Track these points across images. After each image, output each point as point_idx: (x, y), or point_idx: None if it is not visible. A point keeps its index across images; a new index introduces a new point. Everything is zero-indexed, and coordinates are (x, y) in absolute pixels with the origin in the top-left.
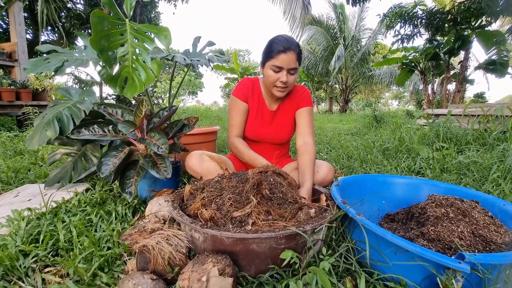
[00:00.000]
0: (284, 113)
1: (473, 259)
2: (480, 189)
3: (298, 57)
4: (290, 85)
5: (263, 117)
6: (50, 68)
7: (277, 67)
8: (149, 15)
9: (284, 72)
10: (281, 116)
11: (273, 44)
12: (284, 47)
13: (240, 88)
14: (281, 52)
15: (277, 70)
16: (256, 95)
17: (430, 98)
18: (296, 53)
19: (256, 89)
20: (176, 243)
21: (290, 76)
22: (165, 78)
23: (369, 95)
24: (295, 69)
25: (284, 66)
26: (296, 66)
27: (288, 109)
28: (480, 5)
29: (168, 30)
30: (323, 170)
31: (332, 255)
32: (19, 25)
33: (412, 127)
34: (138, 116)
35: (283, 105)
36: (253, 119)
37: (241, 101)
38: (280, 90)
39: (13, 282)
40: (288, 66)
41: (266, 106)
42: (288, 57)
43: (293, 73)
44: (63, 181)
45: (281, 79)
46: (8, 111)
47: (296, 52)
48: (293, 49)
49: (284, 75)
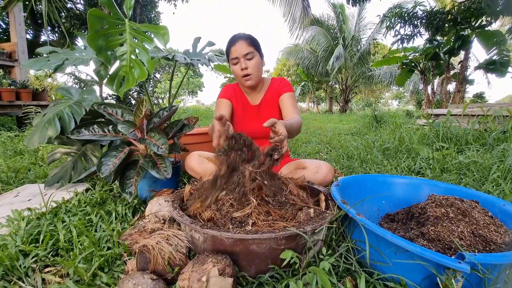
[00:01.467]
0: (268, 104)
1: (473, 259)
2: (480, 189)
3: (250, 42)
4: (252, 69)
5: (249, 114)
6: (51, 66)
7: (234, 59)
8: (149, 15)
9: (241, 60)
10: (266, 108)
11: (226, 46)
12: (232, 40)
13: (223, 92)
14: (231, 46)
15: (235, 61)
16: (238, 95)
17: (430, 98)
18: (245, 40)
19: (237, 90)
20: (176, 243)
21: (248, 62)
22: (165, 78)
23: (369, 95)
24: (250, 53)
25: (238, 55)
26: (249, 51)
27: (271, 100)
28: (480, 5)
29: (166, 29)
30: (323, 170)
31: (332, 255)
32: (19, 25)
33: (412, 127)
34: (138, 116)
35: (266, 97)
36: (241, 118)
37: (224, 99)
38: (246, 79)
39: (13, 282)
40: (241, 53)
41: (249, 103)
42: (238, 46)
43: (250, 58)
44: (63, 181)
45: (241, 66)
46: (8, 111)
47: (243, 39)
48: (240, 38)
49: (242, 62)
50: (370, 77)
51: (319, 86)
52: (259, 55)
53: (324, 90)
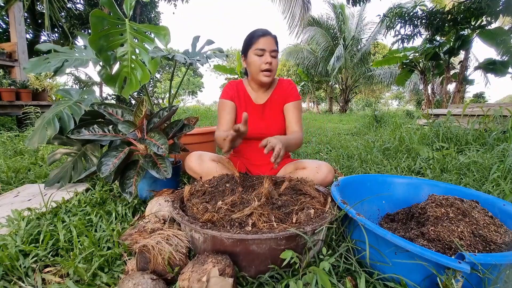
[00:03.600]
0: (273, 106)
1: (473, 259)
2: (480, 189)
3: (276, 42)
4: (274, 68)
5: (252, 112)
6: (50, 68)
7: (260, 50)
8: (149, 15)
9: (267, 53)
10: (271, 109)
11: (253, 34)
12: (263, 32)
13: (225, 91)
14: (261, 36)
15: (261, 53)
16: (241, 94)
17: (430, 98)
18: (273, 37)
19: (240, 89)
20: (176, 243)
21: (273, 59)
22: (165, 78)
23: (369, 95)
24: (276, 51)
25: (266, 48)
26: (276, 49)
27: (276, 102)
28: (480, 5)
29: (167, 29)
30: (323, 170)
31: (332, 255)
32: (19, 25)
33: (412, 127)
34: (138, 116)
35: (272, 98)
36: None
37: (227, 100)
38: (266, 75)
39: (13, 282)
40: (270, 47)
41: (253, 101)
42: (268, 40)
43: (274, 56)
44: (63, 181)
45: (267, 60)
46: (8, 111)
47: (272, 36)
48: (269, 34)
49: (268, 56)
50: (370, 77)
51: (319, 86)
52: None
53: (324, 90)
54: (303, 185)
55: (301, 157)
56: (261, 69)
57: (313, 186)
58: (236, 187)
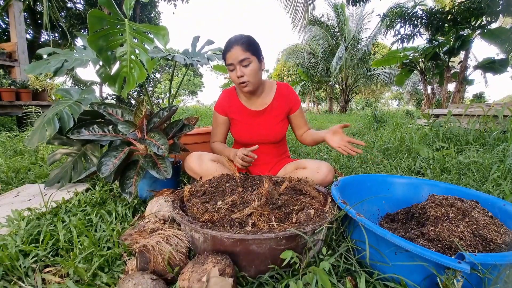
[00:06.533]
0: (273, 112)
1: (473, 259)
2: (480, 189)
3: (245, 47)
4: (249, 76)
5: (247, 119)
6: (50, 68)
7: (230, 65)
8: (149, 15)
9: (237, 67)
10: (270, 114)
11: (223, 51)
12: (227, 46)
13: (218, 103)
14: (226, 52)
15: (232, 68)
16: (234, 104)
17: (430, 98)
18: (240, 45)
19: (232, 98)
20: (176, 243)
21: (244, 68)
22: (165, 78)
23: (369, 95)
24: (246, 59)
25: (233, 61)
26: (245, 57)
27: (278, 109)
28: (480, 5)
29: (166, 29)
30: (323, 170)
31: (332, 255)
32: (19, 25)
33: (412, 127)
34: (138, 116)
35: (273, 104)
36: (239, 124)
37: (219, 115)
38: (243, 86)
39: (13, 282)
40: (236, 59)
41: (248, 108)
42: (233, 52)
43: (246, 65)
44: (63, 181)
45: (237, 74)
46: (8, 111)
47: (239, 44)
48: (236, 43)
49: (238, 69)
50: (370, 77)
51: (319, 86)
52: (257, 59)
53: (324, 90)
54: (303, 185)
55: (301, 157)
56: (237, 82)
57: (313, 186)
58: (236, 187)
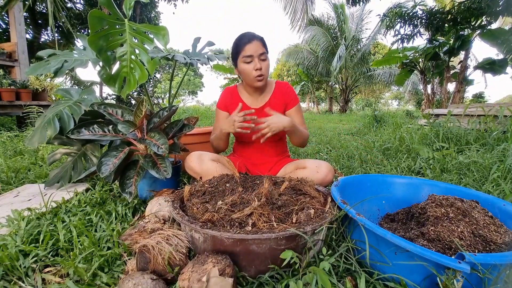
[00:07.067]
0: (271, 108)
1: (473, 259)
2: (480, 189)
3: (263, 43)
4: (265, 70)
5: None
6: (50, 69)
7: (248, 57)
8: (149, 15)
9: (255, 59)
10: (268, 113)
11: (238, 42)
12: (247, 38)
13: (220, 100)
14: (245, 44)
15: (249, 60)
16: (235, 101)
17: (430, 98)
18: (259, 40)
19: (235, 96)
20: (176, 243)
21: (262, 62)
22: (165, 78)
23: (369, 95)
24: (264, 53)
25: (254, 53)
26: (264, 51)
27: (275, 106)
28: (480, 5)
29: (166, 29)
30: (323, 170)
31: (332, 255)
32: (19, 25)
33: (412, 127)
34: (138, 116)
35: (271, 101)
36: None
37: (222, 111)
38: (259, 79)
39: (13, 282)
40: (256, 52)
41: (249, 106)
42: (254, 45)
43: (264, 59)
44: (63, 181)
45: (256, 66)
46: (8, 111)
47: (258, 39)
48: (255, 38)
49: (257, 61)
50: (370, 77)
51: (319, 86)
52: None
53: (324, 90)
54: (303, 185)
55: (301, 157)
56: (253, 75)
57: (313, 186)
58: (236, 187)
